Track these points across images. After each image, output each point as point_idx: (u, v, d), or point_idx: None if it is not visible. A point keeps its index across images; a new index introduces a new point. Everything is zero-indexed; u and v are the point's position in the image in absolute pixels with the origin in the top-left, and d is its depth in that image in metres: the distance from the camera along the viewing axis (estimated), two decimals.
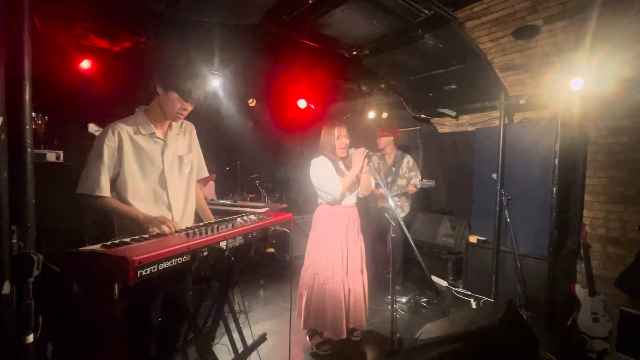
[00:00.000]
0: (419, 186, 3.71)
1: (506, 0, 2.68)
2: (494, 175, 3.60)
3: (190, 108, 1.69)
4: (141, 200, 1.64)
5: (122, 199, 1.62)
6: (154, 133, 1.69)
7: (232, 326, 1.97)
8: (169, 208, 1.72)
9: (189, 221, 1.84)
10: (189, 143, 1.88)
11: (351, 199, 2.58)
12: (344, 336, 2.44)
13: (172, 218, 1.72)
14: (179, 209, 1.77)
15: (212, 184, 4.85)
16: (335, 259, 2.47)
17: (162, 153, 1.71)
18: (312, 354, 2.55)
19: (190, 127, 1.92)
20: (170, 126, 1.78)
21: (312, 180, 2.53)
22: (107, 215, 1.61)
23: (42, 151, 2.79)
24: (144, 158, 1.66)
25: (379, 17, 2.77)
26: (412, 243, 2.28)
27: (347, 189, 2.49)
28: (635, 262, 2.99)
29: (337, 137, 2.51)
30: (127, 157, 1.61)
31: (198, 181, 2.00)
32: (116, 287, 1.67)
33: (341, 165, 2.59)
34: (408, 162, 3.83)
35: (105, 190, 1.55)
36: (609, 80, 3.00)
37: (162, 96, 1.65)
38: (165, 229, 1.44)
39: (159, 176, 1.70)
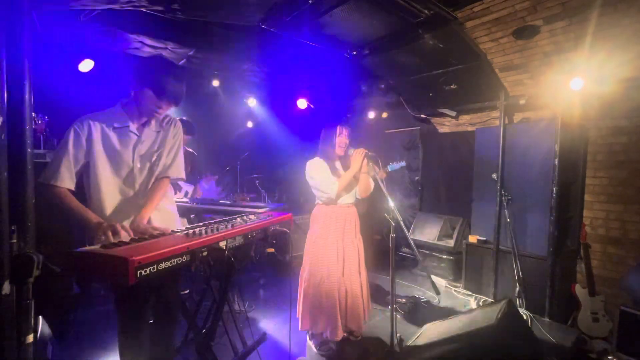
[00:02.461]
0: (389, 169, 3.78)
1: (506, 0, 2.68)
2: (494, 175, 3.60)
3: (165, 107, 1.63)
4: (107, 195, 1.58)
5: (89, 193, 1.56)
6: (128, 126, 1.63)
7: (232, 326, 1.97)
8: (135, 205, 1.65)
9: (164, 220, 1.73)
10: (165, 138, 1.76)
11: (348, 199, 2.58)
12: (339, 337, 2.43)
13: (140, 216, 1.60)
14: (149, 207, 1.66)
15: (213, 183, 4.86)
16: (330, 258, 2.46)
17: (134, 148, 1.65)
18: (312, 354, 2.55)
19: (174, 122, 1.80)
20: (148, 122, 1.70)
21: (309, 181, 2.55)
22: (60, 210, 1.48)
23: (42, 151, 2.79)
24: (114, 152, 1.60)
25: (379, 17, 2.77)
26: (412, 243, 2.27)
27: (344, 189, 2.49)
28: (638, 264, 2.99)
29: (339, 134, 2.52)
30: (96, 149, 1.56)
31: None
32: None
33: (338, 165, 2.60)
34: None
35: (63, 180, 1.48)
36: (609, 80, 2.99)
37: (136, 91, 1.61)
38: (110, 235, 1.35)
39: (127, 172, 1.64)
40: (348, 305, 2.49)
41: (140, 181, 1.68)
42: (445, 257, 4.20)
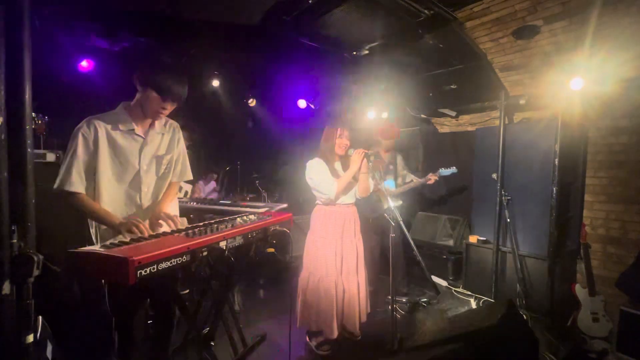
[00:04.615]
0: (441, 174, 3.59)
1: (506, 0, 2.68)
2: (494, 175, 3.60)
3: (169, 107, 1.64)
4: (111, 199, 1.59)
5: (96, 194, 1.57)
6: (133, 130, 1.64)
7: (232, 326, 1.97)
8: (140, 209, 1.67)
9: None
10: (170, 143, 1.80)
11: (347, 199, 2.58)
12: (335, 336, 2.44)
13: (143, 220, 1.66)
14: (152, 211, 1.70)
15: (212, 183, 4.86)
16: (328, 258, 2.47)
17: (140, 151, 1.66)
18: (312, 354, 2.55)
19: (175, 127, 1.84)
20: (152, 124, 1.71)
21: (308, 181, 2.55)
22: (82, 214, 1.56)
23: (42, 151, 2.79)
24: (120, 155, 1.61)
25: (379, 17, 2.77)
26: (412, 243, 2.28)
27: (343, 190, 2.49)
28: (635, 262, 2.99)
29: (339, 135, 2.52)
30: (102, 152, 1.56)
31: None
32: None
33: (337, 166, 2.60)
34: (401, 160, 3.85)
35: (76, 186, 1.50)
36: (609, 80, 2.99)
37: (141, 93, 1.61)
38: (136, 230, 1.42)
39: (133, 176, 1.65)
40: (345, 305, 2.49)
41: (146, 183, 1.69)
42: (445, 257, 4.19)
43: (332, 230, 2.51)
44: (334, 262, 2.46)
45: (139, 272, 1.07)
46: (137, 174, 1.65)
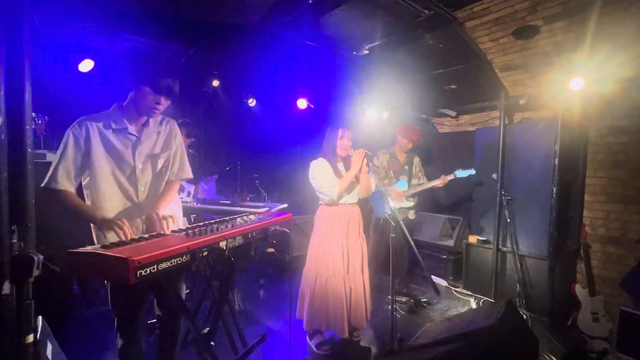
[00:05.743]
0: (457, 176, 3.42)
1: (506, 0, 2.68)
2: (494, 175, 3.60)
3: (164, 102, 1.62)
4: (109, 197, 1.59)
5: (92, 194, 1.57)
6: (126, 128, 1.63)
7: (233, 326, 1.97)
8: (138, 207, 1.65)
9: None
10: (167, 141, 1.78)
11: (350, 199, 2.59)
12: (346, 335, 2.44)
13: (142, 218, 1.66)
14: (150, 210, 1.67)
15: (213, 185, 4.86)
16: (336, 257, 2.47)
17: (134, 150, 1.65)
18: (312, 354, 2.55)
19: (172, 125, 1.82)
20: (147, 123, 1.70)
21: (311, 181, 2.55)
22: (67, 211, 1.54)
23: (42, 151, 2.79)
24: (114, 154, 1.60)
25: (379, 17, 2.78)
26: (412, 243, 2.28)
27: (345, 190, 2.50)
28: (638, 264, 2.99)
29: (340, 137, 2.52)
30: (95, 151, 1.56)
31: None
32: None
33: (340, 166, 2.60)
34: (419, 162, 3.75)
35: (61, 183, 1.50)
36: (609, 80, 2.99)
37: (134, 90, 1.60)
38: (120, 233, 1.40)
39: (129, 174, 1.63)
40: (352, 304, 2.50)
41: (143, 182, 1.68)
42: (445, 257, 4.20)
43: (337, 230, 2.52)
44: (341, 262, 2.47)
45: (139, 272, 1.07)
46: (132, 172, 1.64)
